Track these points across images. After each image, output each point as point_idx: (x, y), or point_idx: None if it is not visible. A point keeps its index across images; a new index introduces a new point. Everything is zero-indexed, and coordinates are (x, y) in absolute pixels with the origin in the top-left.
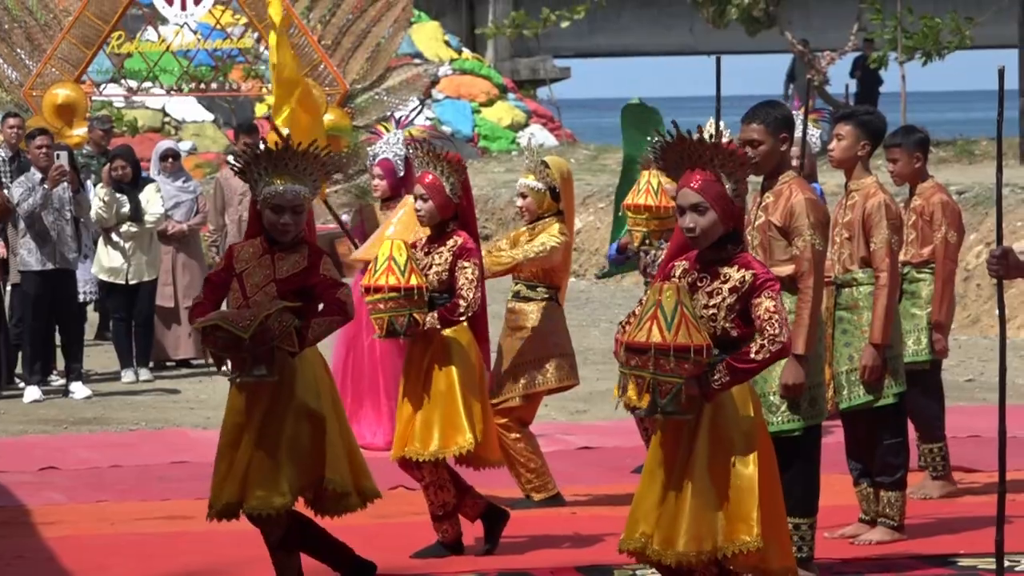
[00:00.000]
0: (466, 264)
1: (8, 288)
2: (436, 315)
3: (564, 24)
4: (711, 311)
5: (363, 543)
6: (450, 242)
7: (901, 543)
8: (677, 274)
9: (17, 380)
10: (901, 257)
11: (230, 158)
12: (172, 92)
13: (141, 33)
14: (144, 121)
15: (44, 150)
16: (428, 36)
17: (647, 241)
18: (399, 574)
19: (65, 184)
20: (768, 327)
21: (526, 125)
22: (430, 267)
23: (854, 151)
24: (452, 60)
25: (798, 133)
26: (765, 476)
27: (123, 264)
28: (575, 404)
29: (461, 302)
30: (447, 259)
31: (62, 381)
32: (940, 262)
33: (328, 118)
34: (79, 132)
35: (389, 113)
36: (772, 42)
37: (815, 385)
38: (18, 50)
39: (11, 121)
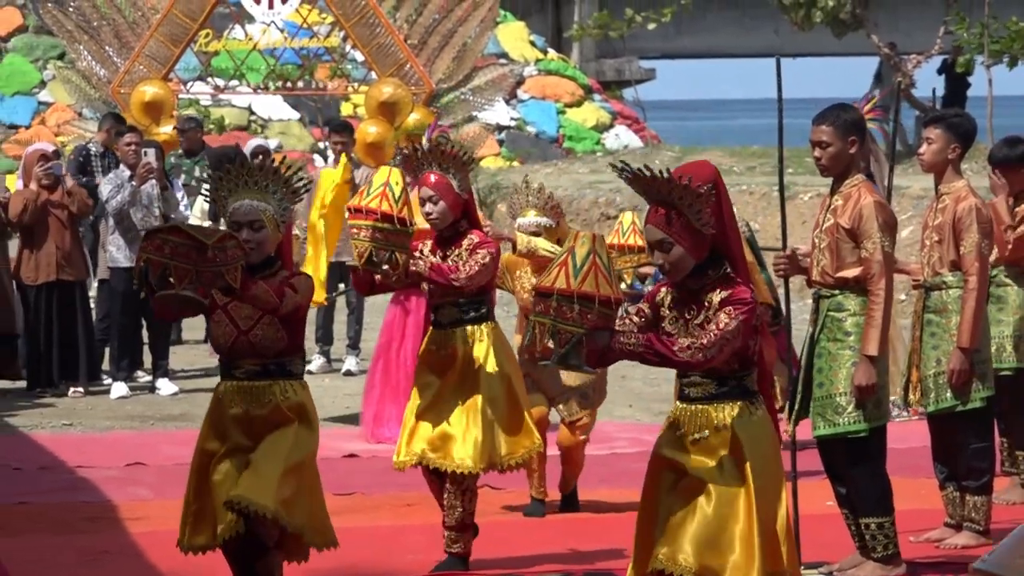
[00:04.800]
0: (481, 251)
1: (95, 284)
2: (428, 263)
3: (651, 26)
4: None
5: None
6: (465, 241)
7: (987, 547)
8: (666, 300)
9: (104, 376)
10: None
11: (203, 188)
12: (258, 90)
13: (228, 31)
14: (231, 119)
15: (133, 147)
16: (514, 36)
17: (641, 280)
18: (491, 573)
19: (153, 181)
20: (705, 336)
21: (611, 126)
22: None
23: (944, 154)
24: (537, 60)
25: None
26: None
27: None
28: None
29: (462, 273)
30: (465, 259)
31: (148, 377)
32: None
33: (414, 117)
34: (166, 130)
35: (475, 112)
36: (858, 45)
37: (881, 387)
38: (106, 47)
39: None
